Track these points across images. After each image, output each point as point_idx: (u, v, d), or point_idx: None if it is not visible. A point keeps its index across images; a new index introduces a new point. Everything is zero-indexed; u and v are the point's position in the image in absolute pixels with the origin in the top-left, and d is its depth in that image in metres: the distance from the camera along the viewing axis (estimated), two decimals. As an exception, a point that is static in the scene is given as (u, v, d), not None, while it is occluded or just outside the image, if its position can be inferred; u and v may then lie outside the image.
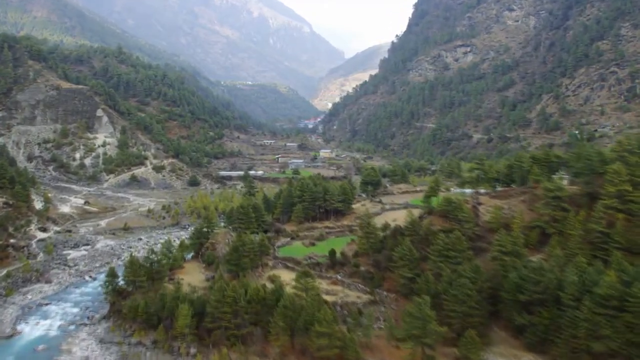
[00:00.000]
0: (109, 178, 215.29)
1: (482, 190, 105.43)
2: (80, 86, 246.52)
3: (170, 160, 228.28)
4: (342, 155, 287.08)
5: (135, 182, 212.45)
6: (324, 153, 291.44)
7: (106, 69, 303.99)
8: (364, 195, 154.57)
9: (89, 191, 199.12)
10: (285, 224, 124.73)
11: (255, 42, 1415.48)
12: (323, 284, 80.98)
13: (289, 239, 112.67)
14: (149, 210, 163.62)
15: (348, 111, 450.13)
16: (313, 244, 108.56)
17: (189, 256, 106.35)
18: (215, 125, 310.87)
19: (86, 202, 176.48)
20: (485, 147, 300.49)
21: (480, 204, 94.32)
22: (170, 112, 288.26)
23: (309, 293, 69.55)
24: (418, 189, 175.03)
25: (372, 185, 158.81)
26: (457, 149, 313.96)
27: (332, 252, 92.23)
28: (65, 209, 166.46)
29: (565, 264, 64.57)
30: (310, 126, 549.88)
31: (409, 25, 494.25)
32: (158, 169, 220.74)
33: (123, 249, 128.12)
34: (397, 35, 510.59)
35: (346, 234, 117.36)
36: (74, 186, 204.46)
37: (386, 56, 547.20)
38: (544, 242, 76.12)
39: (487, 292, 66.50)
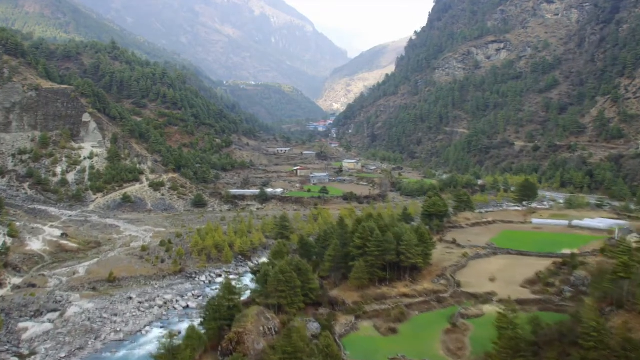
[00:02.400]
0: (96, 198, 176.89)
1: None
2: (64, 86, 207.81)
3: (170, 175, 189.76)
4: (372, 167, 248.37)
5: (128, 203, 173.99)
6: (348, 164, 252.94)
7: (97, 66, 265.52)
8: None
9: (70, 216, 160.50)
10: (338, 285, 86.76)
11: (257, 41, 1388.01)
12: None
13: (352, 319, 74.21)
14: (144, 248, 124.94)
15: (365, 114, 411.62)
16: (393, 331, 70.45)
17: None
18: (222, 131, 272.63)
19: (64, 235, 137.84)
20: (532, 156, 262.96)
21: None
22: (171, 116, 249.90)
23: None
24: (490, 218, 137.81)
25: (439, 217, 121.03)
26: (498, 159, 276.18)
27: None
28: (35, 245, 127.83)
29: None
30: (321, 129, 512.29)
31: (430, 21, 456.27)
32: (156, 186, 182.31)
33: (105, 318, 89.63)
34: (415, 32, 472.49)
35: (433, 306, 79.56)
36: (52, 209, 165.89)
37: (396, 55, 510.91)
38: None
39: None
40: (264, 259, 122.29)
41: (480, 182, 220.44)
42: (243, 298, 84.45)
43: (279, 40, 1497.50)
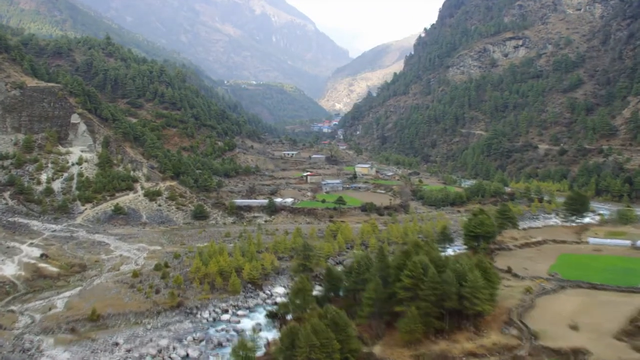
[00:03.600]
0: (85, 209, 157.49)
1: None
2: (51, 84, 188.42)
3: (168, 183, 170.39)
4: (388, 173, 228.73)
5: (120, 215, 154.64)
6: (361, 169, 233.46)
7: (90, 63, 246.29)
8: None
9: (54, 231, 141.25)
10: (381, 336, 67.77)
11: (257, 40, 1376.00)
12: None
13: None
14: (135, 274, 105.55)
15: (374, 114, 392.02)
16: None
17: None
18: (224, 133, 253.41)
19: (43, 256, 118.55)
20: (558, 160, 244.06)
21: None
22: (169, 116, 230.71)
23: None
24: (539, 238, 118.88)
25: (486, 239, 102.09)
26: (521, 163, 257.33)
27: None
28: (8, 269, 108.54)
29: None
30: (326, 130, 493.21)
31: (441, 17, 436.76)
32: (152, 195, 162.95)
33: (82, 377, 70.40)
34: (425, 29, 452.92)
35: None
36: (34, 222, 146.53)
37: (400, 54, 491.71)
38: None
39: None
40: (278, 289, 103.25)
41: (507, 189, 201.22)
42: (259, 354, 65.47)
43: (280, 40, 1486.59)
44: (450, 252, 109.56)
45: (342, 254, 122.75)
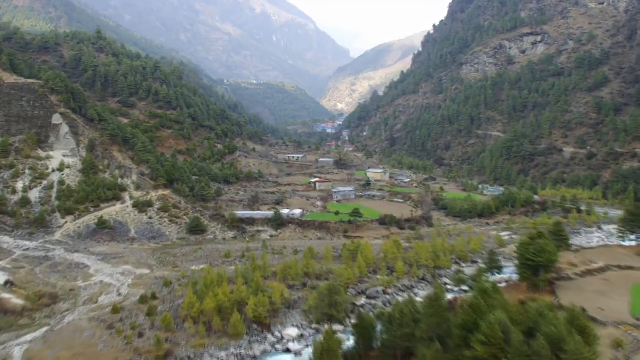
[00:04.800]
0: (65, 223, 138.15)
1: None
2: (31, 81, 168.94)
3: (160, 191, 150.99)
4: (405, 180, 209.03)
5: (105, 229, 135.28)
6: (374, 174, 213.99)
7: (79, 58, 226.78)
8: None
9: (27, 249, 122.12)
10: None
11: (258, 39, 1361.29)
12: None
13: None
14: (116, 310, 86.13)
15: (382, 114, 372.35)
16: None
17: None
18: (224, 134, 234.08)
19: (8, 283, 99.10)
20: (587, 165, 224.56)
21: None
22: (164, 117, 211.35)
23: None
24: (600, 264, 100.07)
25: (546, 269, 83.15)
26: (545, 168, 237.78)
27: None
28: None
29: None
30: (330, 130, 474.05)
31: (451, 13, 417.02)
32: (142, 206, 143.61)
33: None
34: (434, 25, 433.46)
35: None
36: (5, 239, 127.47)
37: (402, 53, 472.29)
38: None
39: None
40: (290, 331, 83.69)
41: (537, 197, 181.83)
42: None
43: (281, 39, 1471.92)
44: (497, 279, 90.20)
45: (363, 280, 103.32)
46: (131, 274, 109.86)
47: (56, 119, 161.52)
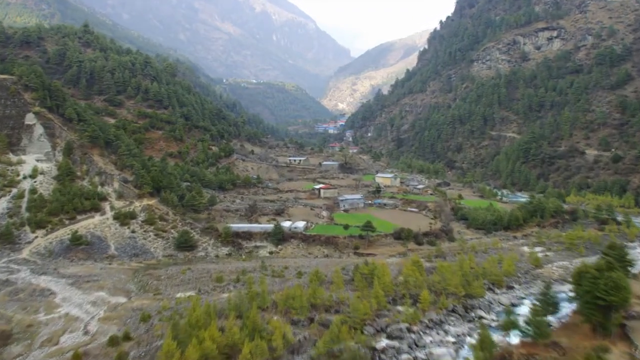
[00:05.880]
0: (35, 238, 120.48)
1: None
2: (2, 76, 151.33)
3: (145, 201, 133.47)
4: (419, 186, 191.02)
5: (80, 245, 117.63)
6: (383, 179, 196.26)
7: (63, 54, 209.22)
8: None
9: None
10: None
11: (258, 39, 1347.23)
12: None
13: None
14: (77, 356, 68.25)
15: (387, 114, 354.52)
16: None
17: None
18: (220, 135, 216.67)
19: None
20: (613, 168, 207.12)
21: None
22: (154, 116, 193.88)
23: None
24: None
25: (615, 309, 65.55)
26: (567, 172, 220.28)
27: None
28: None
29: None
30: (332, 131, 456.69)
31: (459, 8, 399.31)
32: (124, 218, 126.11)
33: None
34: (440, 22, 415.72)
35: None
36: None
37: (404, 52, 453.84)
38: None
39: None
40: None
41: (565, 206, 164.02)
42: None
43: (281, 38, 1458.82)
44: (553, 320, 72.59)
45: (382, 313, 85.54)
46: (104, 303, 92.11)
47: (29, 118, 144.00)
